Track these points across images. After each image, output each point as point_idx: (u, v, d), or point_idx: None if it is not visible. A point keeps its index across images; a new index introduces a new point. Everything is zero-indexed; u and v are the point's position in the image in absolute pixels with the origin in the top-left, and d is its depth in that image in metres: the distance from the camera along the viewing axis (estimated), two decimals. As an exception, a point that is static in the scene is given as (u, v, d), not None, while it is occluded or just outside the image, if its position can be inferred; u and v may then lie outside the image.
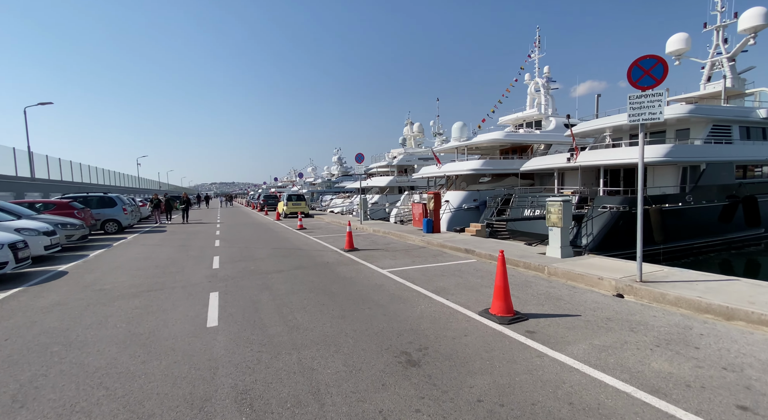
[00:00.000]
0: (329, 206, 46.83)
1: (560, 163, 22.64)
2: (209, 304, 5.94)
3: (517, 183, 29.21)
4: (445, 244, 10.83)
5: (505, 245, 10.37)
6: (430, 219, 13.03)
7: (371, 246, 11.71)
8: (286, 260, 9.67)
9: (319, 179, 71.84)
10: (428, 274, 7.71)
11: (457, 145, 30.48)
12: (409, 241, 12.39)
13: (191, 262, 9.77)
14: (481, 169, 27.41)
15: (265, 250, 11.53)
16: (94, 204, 16.75)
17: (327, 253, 10.71)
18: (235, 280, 7.61)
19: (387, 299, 5.98)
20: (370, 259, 9.53)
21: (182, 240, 14.40)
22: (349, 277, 7.64)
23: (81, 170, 38.31)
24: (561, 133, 30.01)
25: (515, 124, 33.20)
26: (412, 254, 10.07)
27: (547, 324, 4.74)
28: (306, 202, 25.86)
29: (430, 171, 31.74)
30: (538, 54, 32.74)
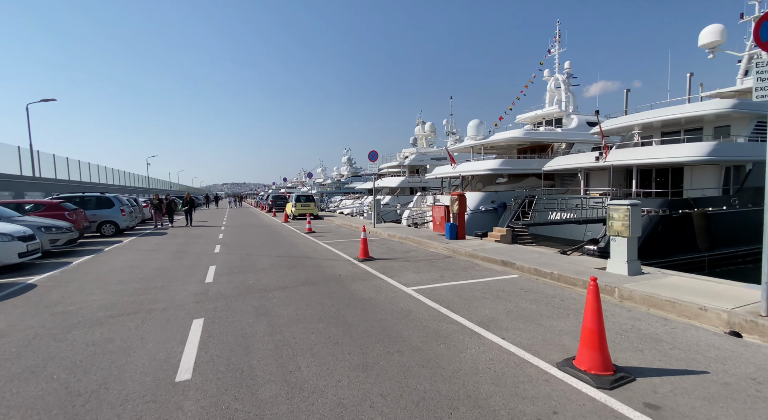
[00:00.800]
0: (339, 207, 45.45)
1: (587, 163, 20.88)
2: (188, 339, 4.48)
3: (536, 184, 27.48)
4: (475, 254, 9.25)
5: (547, 256, 8.75)
6: (453, 224, 11.46)
7: (388, 254, 10.18)
8: (292, 272, 8.19)
9: (329, 180, 70.63)
10: (465, 294, 6.15)
11: (473, 143, 28.80)
12: (431, 249, 10.83)
13: (183, 273, 8.36)
14: (499, 169, 25.71)
15: (269, 258, 10.08)
16: (90, 204, 15.53)
17: (338, 263, 9.22)
18: (228, 300, 6.15)
19: (421, 336, 4.44)
20: (390, 272, 8.01)
21: (180, 245, 13.04)
22: (367, 297, 6.12)
23: (90, 170, 37.55)
24: (584, 132, 28.21)
25: (534, 122, 31.40)
26: (438, 266, 8.51)
27: (669, 390, 3.15)
28: (315, 203, 24.46)
29: (443, 171, 30.11)
30: (558, 49, 30.93)
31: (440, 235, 12.52)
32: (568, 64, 30.53)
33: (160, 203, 19.76)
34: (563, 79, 30.25)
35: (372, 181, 50.42)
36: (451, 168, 28.64)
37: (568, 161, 22.45)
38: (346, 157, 68.55)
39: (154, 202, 19.62)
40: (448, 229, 11.44)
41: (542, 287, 6.55)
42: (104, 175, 39.32)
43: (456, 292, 6.34)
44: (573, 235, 18.79)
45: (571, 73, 30.66)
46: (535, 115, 30.80)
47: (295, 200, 23.64)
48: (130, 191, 42.99)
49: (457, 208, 11.43)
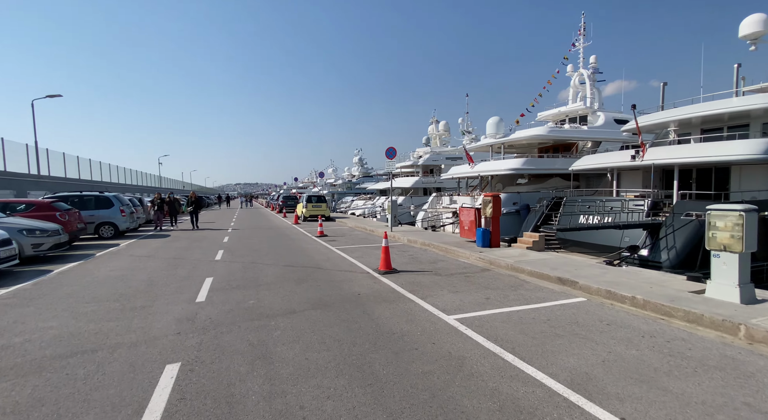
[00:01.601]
0: (350, 208, 44.05)
1: (621, 162, 19.05)
2: (147, 408, 3.02)
3: (559, 184, 25.66)
4: (518, 267, 7.66)
5: (613, 272, 7.10)
6: (486, 230, 9.87)
7: (413, 265, 8.65)
8: (301, 289, 6.71)
9: (340, 180, 69.38)
10: (529, 329, 4.58)
11: (492, 142, 27.08)
12: (462, 259, 9.26)
13: (173, 287, 6.96)
14: (521, 169, 23.95)
15: (276, 268, 8.64)
16: (88, 204, 14.36)
17: (356, 276, 7.72)
18: (219, 330, 4.70)
19: (493, 411, 2.90)
20: (420, 290, 6.47)
21: (179, 250, 11.71)
22: (398, 331, 4.60)
23: (101, 169, 36.87)
24: (612, 129, 26.29)
25: (556, 120, 29.51)
26: (478, 283, 6.94)
27: None
28: (327, 204, 23.05)
29: (460, 171, 28.44)
30: (583, 42, 29.00)
31: (469, 242, 10.94)
32: (593, 58, 28.60)
33: (162, 203, 17.77)
34: (588, 74, 28.33)
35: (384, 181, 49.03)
36: (469, 168, 26.96)
37: (598, 160, 20.60)
38: (357, 157, 67.17)
39: (156, 202, 17.54)
40: (480, 235, 9.86)
41: (626, 318, 4.94)
42: (115, 174, 38.66)
43: (515, 324, 4.78)
44: (607, 241, 16.99)
45: (596, 68, 28.72)
46: (558, 112, 28.92)
47: (306, 201, 22.26)
48: (141, 190, 42.31)
49: (491, 211, 9.83)
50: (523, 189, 24.67)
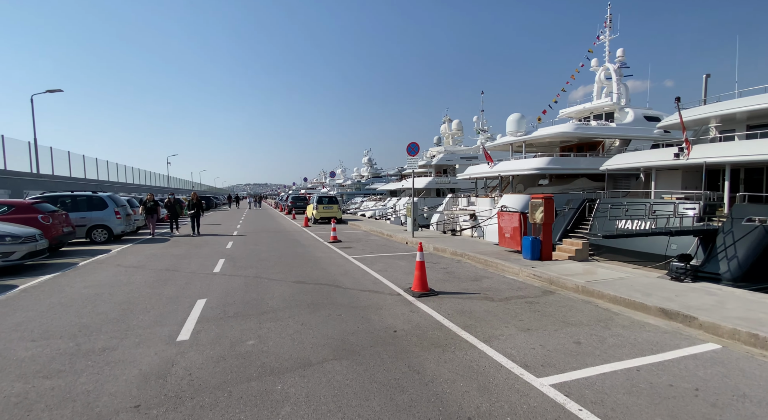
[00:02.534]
0: (359, 209, 42.43)
1: (661, 161, 17.15)
2: None
3: (586, 185, 23.74)
4: (591, 290, 5.91)
5: (722, 297, 5.31)
6: (536, 239, 8.11)
7: (452, 283, 6.94)
8: (317, 320, 5.04)
9: (349, 181, 67.84)
10: (681, 413, 2.85)
11: (513, 140, 25.21)
12: (510, 275, 7.52)
13: (152, 314, 5.34)
14: (546, 169, 22.07)
15: (284, 285, 6.99)
16: (79, 205, 12.89)
17: (385, 299, 6.03)
18: (198, 403, 3.04)
19: None
20: (476, 324, 4.76)
21: (175, 259, 10.13)
22: (472, 413, 2.90)
23: (108, 168, 35.71)
24: (642, 127, 24.30)
25: (580, 117, 27.54)
26: (549, 313, 5.21)
27: None
28: (339, 205, 21.43)
29: (478, 171, 26.61)
30: (609, 35, 27.00)
31: (511, 253, 9.19)
32: (620, 51, 26.55)
33: (155, 205, 14.94)
34: (614, 68, 26.30)
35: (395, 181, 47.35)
36: (488, 167, 25.13)
37: (634, 159, 18.65)
38: (366, 157, 65.53)
39: (148, 204, 14.65)
40: (529, 245, 8.09)
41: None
42: (123, 174, 37.53)
43: (649, 398, 3.04)
44: (650, 248, 15.08)
45: (624, 62, 26.66)
46: (582, 109, 26.95)
47: (317, 202, 20.63)
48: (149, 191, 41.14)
49: (542, 216, 8.07)
50: (548, 190, 22.79)
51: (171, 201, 16.42)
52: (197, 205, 15.74)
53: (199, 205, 15.79)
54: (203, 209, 16.30)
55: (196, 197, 15.72)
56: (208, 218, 27.27)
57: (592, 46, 27.74)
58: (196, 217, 15.71)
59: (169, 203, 16.32)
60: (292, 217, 26.24)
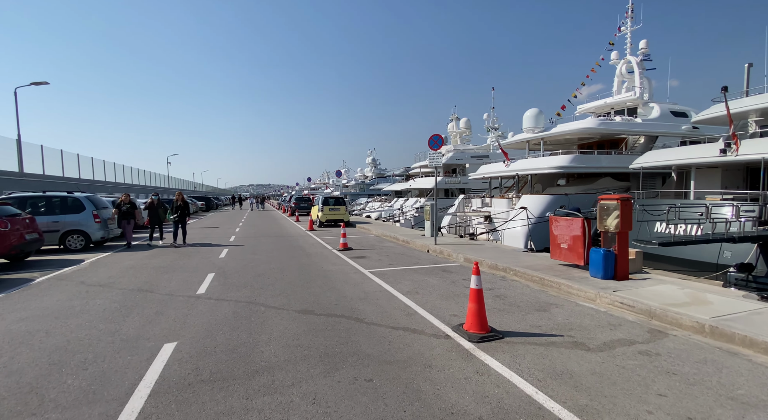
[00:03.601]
0: (364, 210, 40.52)
1: (705, 157, 15.24)
2: None
3: (610, 185, 21.81)
4: (736, 335, 4.00)
5: None
6: (609, 252, 6.21)
7: (515, 317, 5.04)
8: (336, 393, 3.14)
9: (352, 181, 65.94)
10: None
11: (530, 137, 23.27)
12: (585, 302, 5.61)
13: (86, 377, 3.46)
14: (569, 167, 20.12)
15: (285, 319, 5.09)
16: (52, 207, 11.05)
17: (430, 347, 4.11)
18: None
19: None
20: (593, 404, 2.87)
21: (155, 273, 8.24)
22: None
23: (105, 167, 33.85)
24: (669, 123, 22.35)
25: (599, 112, 25.58)
26: (689, 377, 3.31)
27: None
28: (346, 206, 19.53)
29: (492, 170, 24.64)
30: (631, 26, 25.07)
31: (569, 267, 7.30)
32: (644, 43, 24.59)
33: (132, 208, 12.04)
34: (637, 61, 24.36)
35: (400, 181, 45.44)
36: (504, 166, 23.20)
37: (671, 156, 16.69)
38: (370, 157, 63.64)
39: (123, 207, 11.77)
40: (601, 260, 6.18)
41: None
42: (120, 174, 35.69)
43: None
44: (699, 256, 13.17)
45: (647, 55, 24.72)
46: (603, 104, 25.01)
47: (322, 203, 18.72)
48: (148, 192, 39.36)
49: (618, 222, 6.17)
50: (570, 190, 20.86)
51: (153, 203, 12.77)
52: (183, 208, 12.61)
53: (184, 208, 12.63)
54: (189, 213, 12.84)
55: (182, 198, 12.62)
56: (206, 220, 25.42)
57: (613, 38, 25.86)
58: (182, 223, 12.66)
59: (151, 205, 12.79)
60: (295, 219, 24.37)
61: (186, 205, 12.62)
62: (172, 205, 12.66)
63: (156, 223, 12.81)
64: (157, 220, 12.72)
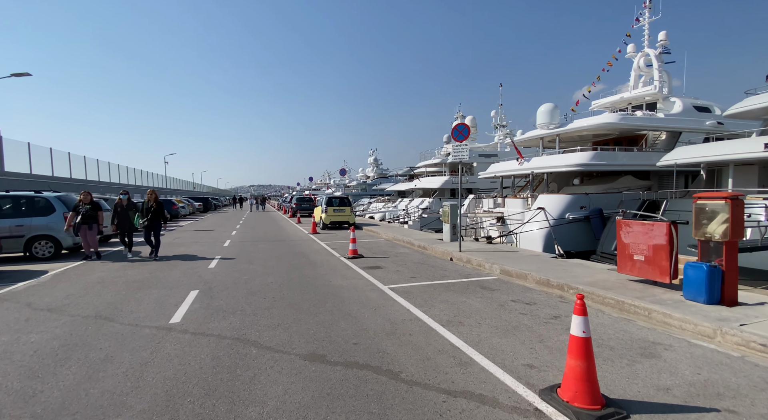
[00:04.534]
0: (367, 211, 38.89)
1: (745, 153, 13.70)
2: None
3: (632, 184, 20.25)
4: None
5: None
6: (715, 267, 4.61)
7: (615, 367, 3.44)
8: None
9: (354, 181, 64.28)
10: None
11: (544, 133, 21.69)
12: (698, 340, 3.98)
13: None
14: (590, 165, 18.52)
15: (285, 372, 3.44)
16: (16, 209, 9.41)
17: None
18: None
19: None
20: None
21: (124, 291, 6.61)
22: None
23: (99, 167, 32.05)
24: (693, 118, 20.79)
25: (616, 108, 24.04)
26: None
27: None
28: (351, 207, 17.90)
29: (505, 168, 23.02)
30: (649, 17, 23.52)
31: (645, 284, 5.69)
32: (663, 34, 23.06)
33: (94, 210, 9.45)
34: (655, 54, 22.80)
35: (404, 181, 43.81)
36: (518, 164, 21.60)
37: (706, 152, 15.07)
38: (372, 157, 62.04)
39: (81, 210, 9.25)
40: (705, 279, 4.56)
41: None
42: (116, 174, 33.97)
43: None
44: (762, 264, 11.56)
45: (666, 47, 23.16)
46: (620, 99, 23.46)
47: (326, 204, 17.07)
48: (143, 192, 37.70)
49: (727, 229, 4.57)
50: (590, 189, 19.27)
51: (122, 203, 9.84)
52: (156, 212, 9.70)
53: (158, 211, 9.75)
54: (165, 218, 10.12)
55: (154, 197, 9.78)
56: (202, 222, 23.78)
57: (630, 30, 24.30)
58: (154, 231, 9.71)
59: (119, 208, 9.81)
60: (297, 220, 22.75)
61: (160, 208, 9.83)
62: (142, 206, 9.88)
63: (125, 230, 9.84)
64: (127, 226, 9.82)
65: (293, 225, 20.45)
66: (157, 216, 9.80)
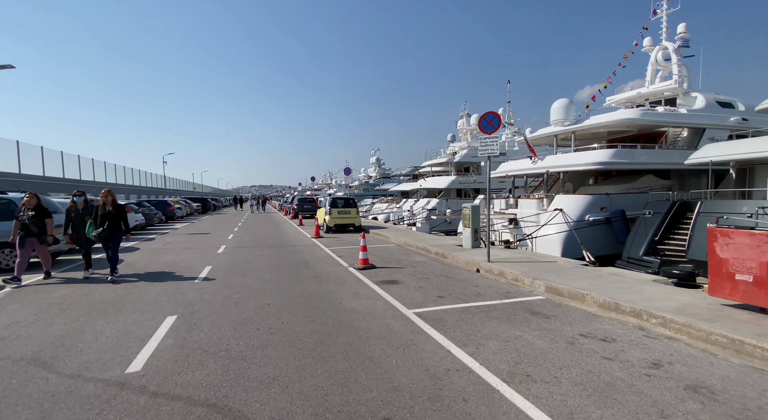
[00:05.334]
0: (370, 212, 37.54)
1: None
2: None
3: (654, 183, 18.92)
4: None
5: None
6: None
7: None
8: None
9: (356, 181, 62.95)
10: None
11: (559, 130, 20.30)
12: None
13: None
14: (611, 163, 17.16)
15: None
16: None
17: None
18: None
19: None
20: None
21: (72, 325, 5.20)
22: None
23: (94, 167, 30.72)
24: (717, 114, 19.44)
25: (632, 104, 22.67)
26: None
27: None
28: (357, 209, 16.54)
29: (517, 167, 21.63)
30: (667, 8, 22.18)
31: (752, 312, 4.35)
32: (682, 26, 21.64)
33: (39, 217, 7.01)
34: (674, 47, 21.42)
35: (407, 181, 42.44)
36: (531, 163, 20.24)
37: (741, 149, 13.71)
38: (374, 157, 60.68)
39: (21, 218, 6.93)
40: None
41: None
42: (112, 174, 32.55)
43: None
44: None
45: (686, 40, 21.76)
46: (636, 95, 22.11)
47: (330, 205, 15.70)
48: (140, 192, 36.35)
49: None
50: (611, 189, 17.91)
51: (77, 207, 7.58)
52: (114, 218, 7.23)
53: (117, 219, 7.28)
54: (127, 228, 7.57)
55: (111, 200, 7.29)
56: (198, 224, 22.40)
57: (647, 22, 22.94)
58: (111, 244, 7.28)
59: (72, 213, 7.56)
60: (298, 222, 21.38)
61: (120, 214, 7.29)
62: (95, 212, 7.28)
63: (82, 243, 7.47)
64: (80, 238, 7.46)
65: (294, 227, 19.09)
66: (115, 225, 7.25)
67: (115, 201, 7.44)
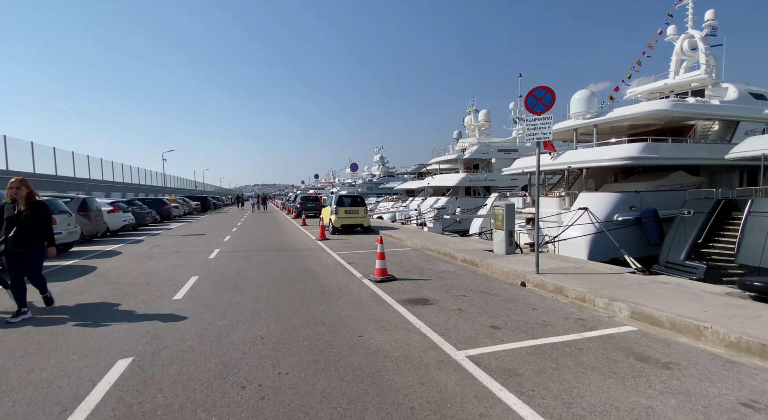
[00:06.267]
0: (376, 211, 36.00)
1: None
2: None
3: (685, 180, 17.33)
4: None
5: None
6: None
7: None
8: None
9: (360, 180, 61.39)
10: None
11: (580, 123, 18.70)
12: None
13: None
14: (641, 158, 15.54)
15: None
16: None
17: None
18: None
19: None
20: None
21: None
22: None
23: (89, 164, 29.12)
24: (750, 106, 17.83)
25: (657, 95, 21.02)
26: None
27: None
28: (365, 208, 14.97)
29: (534, 163, 20.06)
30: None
31: None
32: (710, 13, 19.97)
33: None
34: (701, 36, 19.75)
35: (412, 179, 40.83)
36: (550, 158, 18.64)
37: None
38: (377, 155, 59.07)
39: None
40: None
41: None
42: (109, 172, 31.02)
43: None
44: None
45: (714, 27, 20.08)
46: (663, 86, 20.44)
47: (336, 204, 14.10)
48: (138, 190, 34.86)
49: None
50: (641, 186, 16.31)
51: None
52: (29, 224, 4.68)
53: (34, 224, 4.71)
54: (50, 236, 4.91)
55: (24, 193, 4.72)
56: (195, 224, 20.86)
57: (673, 9, 21.27)
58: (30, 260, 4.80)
59: None
60: (301, 222, 19.83)
61: (39, 216, 4.77)
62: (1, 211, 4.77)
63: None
64: None
65: (297, 228, 17.55)
66: (28, 232, 4.70)
67: (33, 197, 4.86)
